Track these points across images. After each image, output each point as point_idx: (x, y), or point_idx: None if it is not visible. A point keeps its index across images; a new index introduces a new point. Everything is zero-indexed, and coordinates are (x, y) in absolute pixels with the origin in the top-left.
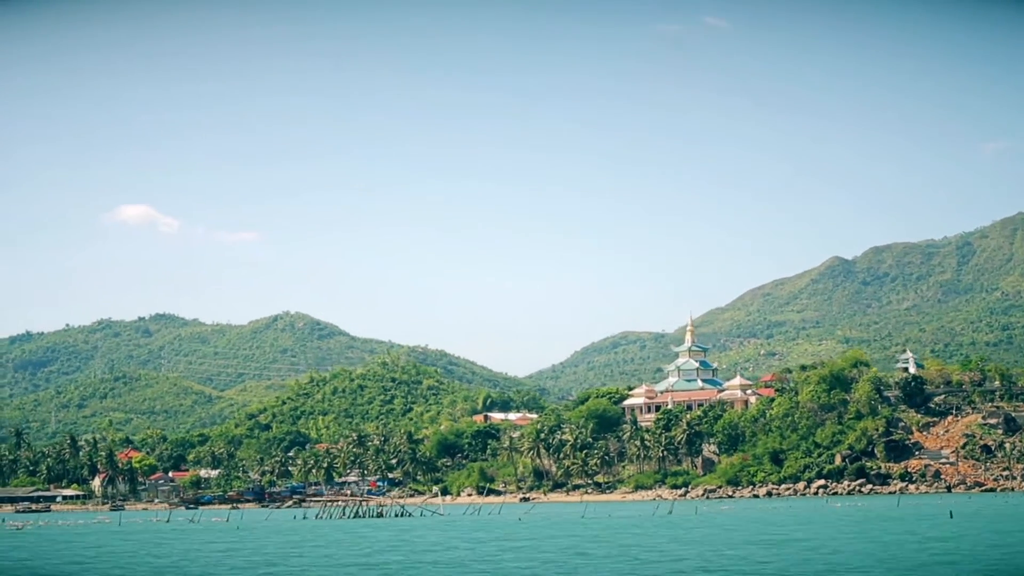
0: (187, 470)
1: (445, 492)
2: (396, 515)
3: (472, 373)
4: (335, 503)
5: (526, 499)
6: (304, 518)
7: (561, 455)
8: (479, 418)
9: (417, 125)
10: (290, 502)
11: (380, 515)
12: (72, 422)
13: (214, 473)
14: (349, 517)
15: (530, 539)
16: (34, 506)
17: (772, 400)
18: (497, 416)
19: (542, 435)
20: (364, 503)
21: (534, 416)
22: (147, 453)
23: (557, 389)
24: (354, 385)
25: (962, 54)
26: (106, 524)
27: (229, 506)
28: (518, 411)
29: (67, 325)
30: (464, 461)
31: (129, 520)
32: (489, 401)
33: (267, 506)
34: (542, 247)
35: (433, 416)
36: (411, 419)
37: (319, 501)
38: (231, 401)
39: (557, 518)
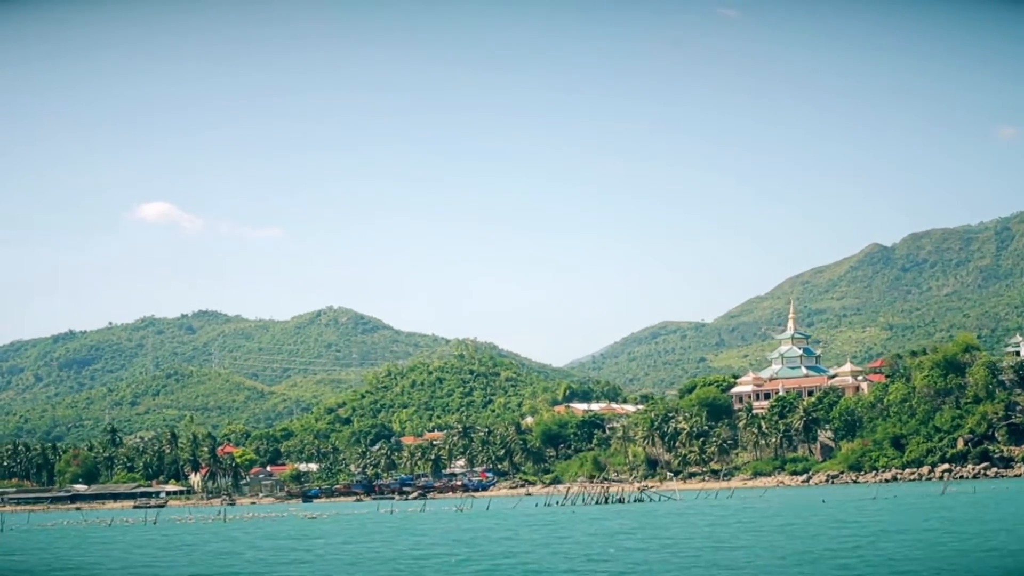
0: (283, 464)
1: (557, 481)
2: (636, 501)
3: (520, 365)
4: (577, 491)
5: (644, 487)
6: (547, 505)
7: (676, 443)
8: (560, 409)
9: (447, 118)
10: (414, 493)
11: (621, 501)
12: (126, 419)
13: (314, 467)
14: (599, 504)
15: (902, 520)
16: (151, 501)
17: (887, 386)
18: (578, 407)
19: (655, 424)
20: (607, 490)
21: (617, 406)
22: (242, 447)
23: (603, 379)
24: (432, 378)
25: (991, 37)
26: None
27: (353, 499)
28: (598, 401)
29: (110, 323)
30: (568, 451)
31: (356, 512)
32: (569, 392)
33: (378, 498)
34: (578, 238)
35: (531, 407)
36: (493, 411)
37: (434, 491)
38: (283, 396)
39: (851, 501)
